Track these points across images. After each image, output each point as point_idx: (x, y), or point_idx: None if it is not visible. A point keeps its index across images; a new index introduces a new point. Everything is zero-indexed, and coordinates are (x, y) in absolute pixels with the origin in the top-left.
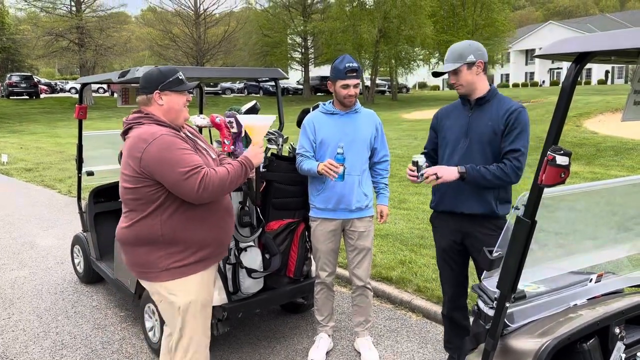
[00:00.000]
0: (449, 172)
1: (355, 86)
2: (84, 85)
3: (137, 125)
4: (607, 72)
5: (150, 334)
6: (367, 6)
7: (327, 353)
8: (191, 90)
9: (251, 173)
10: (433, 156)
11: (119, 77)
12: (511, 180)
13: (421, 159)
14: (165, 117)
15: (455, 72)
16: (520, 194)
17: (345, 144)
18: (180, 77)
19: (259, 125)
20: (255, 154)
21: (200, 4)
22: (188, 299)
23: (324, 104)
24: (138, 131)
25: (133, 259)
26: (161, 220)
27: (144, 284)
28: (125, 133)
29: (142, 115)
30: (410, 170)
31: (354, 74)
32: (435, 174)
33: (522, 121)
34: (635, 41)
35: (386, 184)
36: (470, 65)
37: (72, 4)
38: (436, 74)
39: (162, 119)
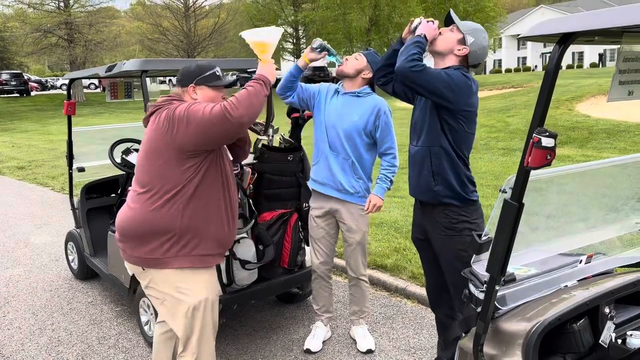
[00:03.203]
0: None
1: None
2: (72, 80)
3: (168, 106)
4: (600, 55)
5: (145, 328)
6: None
7: (324, 342)
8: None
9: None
10: None
11: (106, 72)
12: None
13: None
14: None
15: None
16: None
17: (337, 125)
18: (217, 73)
19: (269, 41)
20: (270, 70)
21: None
22: (198, 298)
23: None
24: (168, 109)
25: (140, 246)
26: (181, 207)
27: (147, 275)
28: (151, 115)
29: (173, 97)
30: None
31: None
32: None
33: None
34: (617, 20)
35: (387, 176)
36: None
37: None
38: None
39: None
